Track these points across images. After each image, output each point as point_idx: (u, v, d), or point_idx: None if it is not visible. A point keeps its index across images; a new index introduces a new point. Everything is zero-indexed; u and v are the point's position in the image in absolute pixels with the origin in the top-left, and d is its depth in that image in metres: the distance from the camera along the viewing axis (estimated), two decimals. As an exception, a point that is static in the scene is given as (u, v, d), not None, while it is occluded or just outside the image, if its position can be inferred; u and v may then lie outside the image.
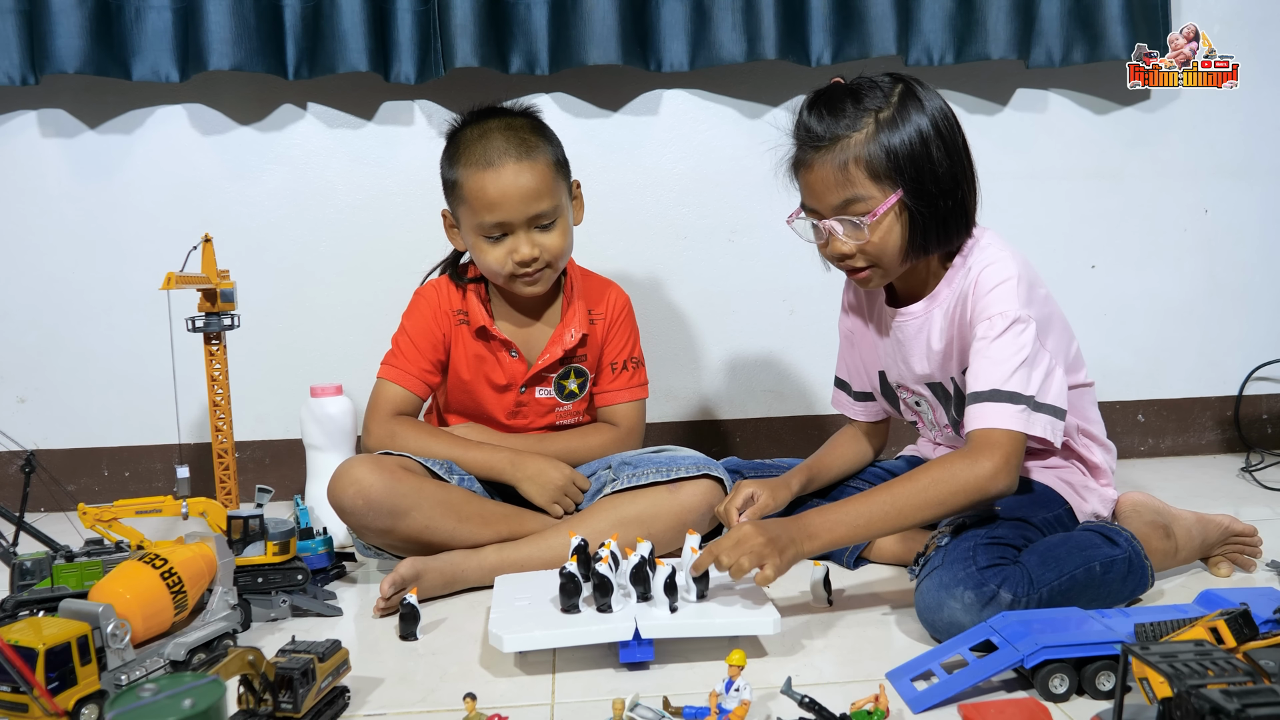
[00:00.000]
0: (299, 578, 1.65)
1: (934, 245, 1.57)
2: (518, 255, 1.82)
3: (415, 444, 1.85)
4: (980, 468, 1.45)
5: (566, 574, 1.42)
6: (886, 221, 1.53)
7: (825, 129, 1.53)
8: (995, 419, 1.47)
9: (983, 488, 1.45)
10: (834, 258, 1.60)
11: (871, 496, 1.49)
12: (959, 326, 1.59)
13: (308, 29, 2.27)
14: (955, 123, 1.56)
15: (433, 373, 1.92)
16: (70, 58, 2.21)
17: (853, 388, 1.89)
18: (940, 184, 1.53)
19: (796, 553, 1.43)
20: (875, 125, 1.51)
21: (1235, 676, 0.97)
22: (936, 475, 1.46)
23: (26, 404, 2.45)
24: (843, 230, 1.54)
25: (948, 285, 1.61)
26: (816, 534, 1.46)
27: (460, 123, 1.90)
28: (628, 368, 2.00)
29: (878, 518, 1.47)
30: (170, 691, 0.95)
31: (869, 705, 1.18)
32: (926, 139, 1.51)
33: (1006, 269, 1.53)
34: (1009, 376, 1.48)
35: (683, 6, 2.34)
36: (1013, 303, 1.51)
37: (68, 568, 1.61)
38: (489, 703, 1.28)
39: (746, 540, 1.41)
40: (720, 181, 2.51)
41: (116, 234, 2.42)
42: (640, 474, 1.79)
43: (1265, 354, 2.65)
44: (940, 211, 1.54)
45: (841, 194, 1.53)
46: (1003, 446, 1.46)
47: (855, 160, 1.51)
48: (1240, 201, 2.61)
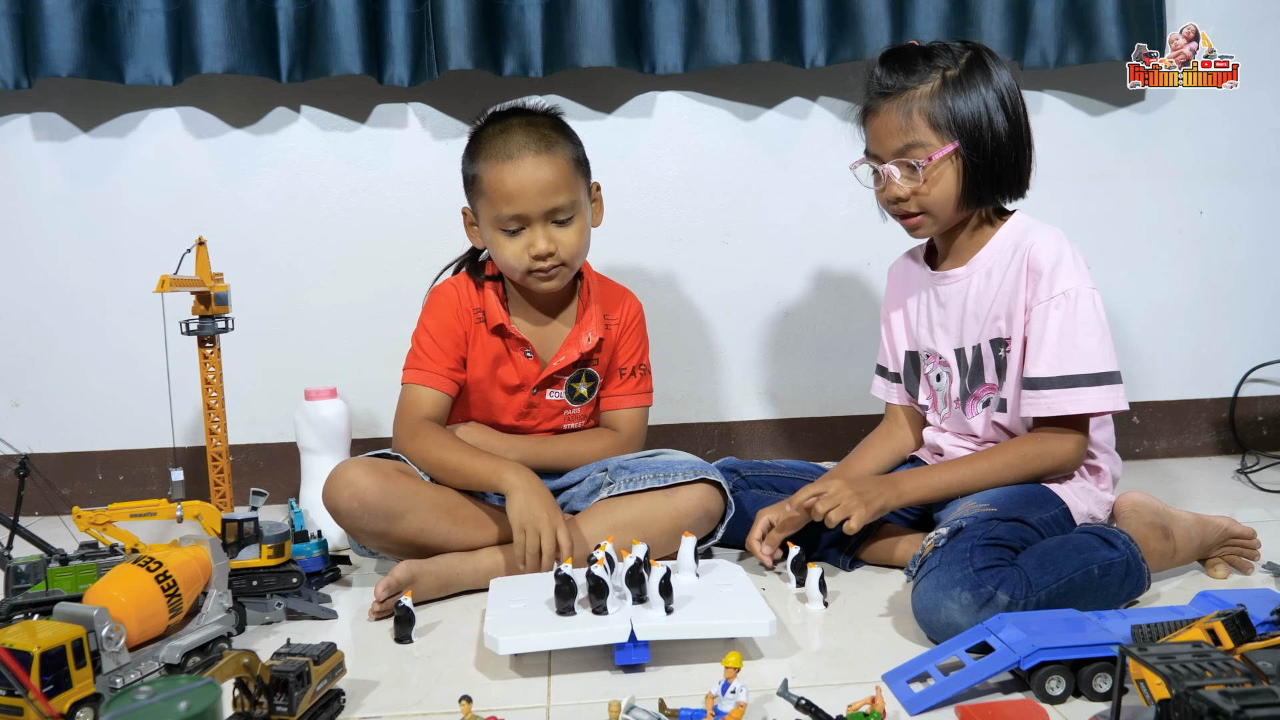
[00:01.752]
0: (294, 581, 1.64)
1: (986, 199, 1.68)
2: (534, 249, 1.81)
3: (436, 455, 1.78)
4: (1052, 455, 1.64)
5: (561, 576, 1.42)
6: (941, 169, 1.64)
7: (894, 81, 1.65)
8: (1071, 404, 1.61)
9: (1065, 465, 1.66)
10: (889, 201, 1.70)
11: (959, 462, 1.68)
12: (1008, 296, 1.67)
13: (301, 32, 2.27)
14: (1018, 94, 1.67)
15: (458, 370, 1.90)
16: (63, 61, 2.21)
17: (889, 369, 1.94)
18: (997, 142, 1.64)
19: (884, 502, 1.61)
20: (941, 81, 1.64)
21: (1233, 678, 0.97)
22: (1025, 450, 1.65)
23: (21, 408, 2.44)
24: (900, 174, 1.66)
25: (988, 250, 1.71)
26: (906, 490, 1.64)
27: (483, 121, 1.90)
28: (635, 374, 2.00)
29: (964, 478, 1.65)
30: (165, 694, 0.95)
31: (865, 707, 1.18)
32: (987, 101, 1.63)
33: (1061, 245, 1.65)
34: (1077, 357, 1.60)
35: (676, 8, 2.34)
36: (1073, 278, 1.62)
37: (62, 571, 1.60)
38: (484, 705, 1.28)
39: (835, 493, 1.60)
40: (715, 183, 2.51)
41: (110, 237, 2.41)
42: (637, 479, 1.79)
43: (1260, 355, 2.65)
44: (994, 169, 1.65)
45: (902, 139, 1.65)
46: (1075, 433, 1.64)
47: (919, 110, 1.63)
48: (1234, 203, 2.61)
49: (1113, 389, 1.61)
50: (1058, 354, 1.61)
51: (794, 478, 1.93)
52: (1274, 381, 2.68)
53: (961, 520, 1.50)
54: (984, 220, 1.73)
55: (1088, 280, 1.63)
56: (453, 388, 1.90)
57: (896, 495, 1.63)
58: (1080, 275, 1.63)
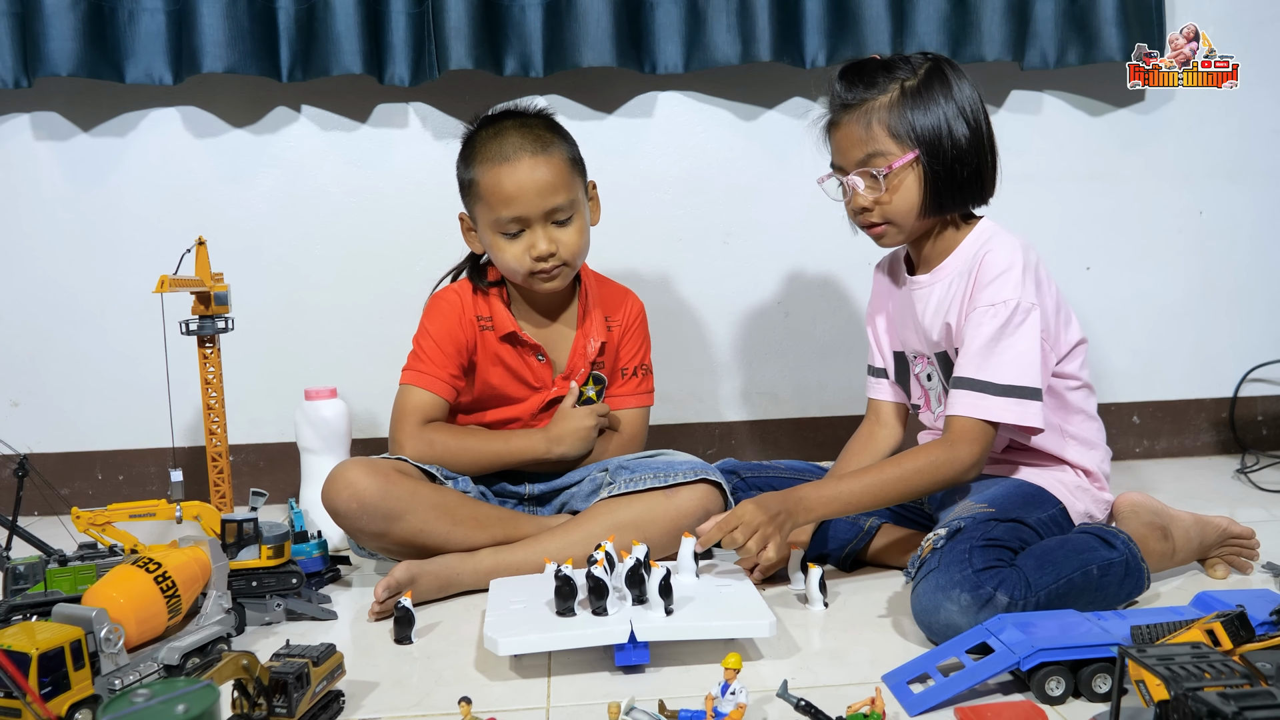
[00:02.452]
0: (293, 581, 1.64)
1: (948, 206, 1.67)
2: (535, 250, 1.82)
3: (456, 445, 1.86)
4: (959, 461, 1.59)
5: (562, 576, 1.42)
6: (902, 177, 1.63)
7: (854, 94, 1.65)
8: (978, 409, 1.59)
9: (960, 477, 1.60)
10: (855, 212, 1.70)
11: (862, 476, 1.63)
12: (959, 303, 1.66)
13: (301, 31, 2.27)
14: (980, 103, 1.66)
15: (459, 376, 1.90)
16: (63, 60, 2.21)
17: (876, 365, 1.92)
18: (958, 150, 1.63)
19: (793, 526, 1.59)
20: (900, 92, 1.63)
21: (1232, 679, 0.97)
22: (920, 464, 1.60)
23: (20, 407, 2.44)
24: (863, 185, 1.65)
25: (953, 259, 1.69)
26: (812, 508, 1.60)
27: (474, 125, 1.90)
28: (637, 374, 2.00)
29: (866, 495, 1.60)
30: (163, 697, 0.95)
31: (865, 708, 1.18)
32: (946, 110, 1.63)
33: (1011, 257, 1.61)
34: (998, 366, 1.58)
35: (677, 8, 2.34)
36: (1015, 290, 1.59)
37: (61, 572, 1.60)
38: (484, 706, 1.28)
39: (749, 522, 1.54)
40: (715, 184, 2.51)
41: (110, 237, 2.41)
42: (637, 479, 1.78)
43: (1260, 355, 2.65)
44: (956, 177, 1.64)
45: (864, 150, 1.64)
46: (980, 439, 1.59)
47: (879, 120, 1.63)
48: (1234, 203, 2.61)
49: (1022, 403, 1.57)
50: (978, 359, 1.59)
51: (794, 478, 1.92)
52: (1274, 381, 2.68)
53: (960, 521, 1.50)
54: (951, 228, 1.71)
55: (1031, 296, 1.59)
56: (452, 394, 1.90)
57: (806, 514, 1.60)
58: (1023, 289, 1.59)
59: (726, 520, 1.56)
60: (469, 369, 1.92)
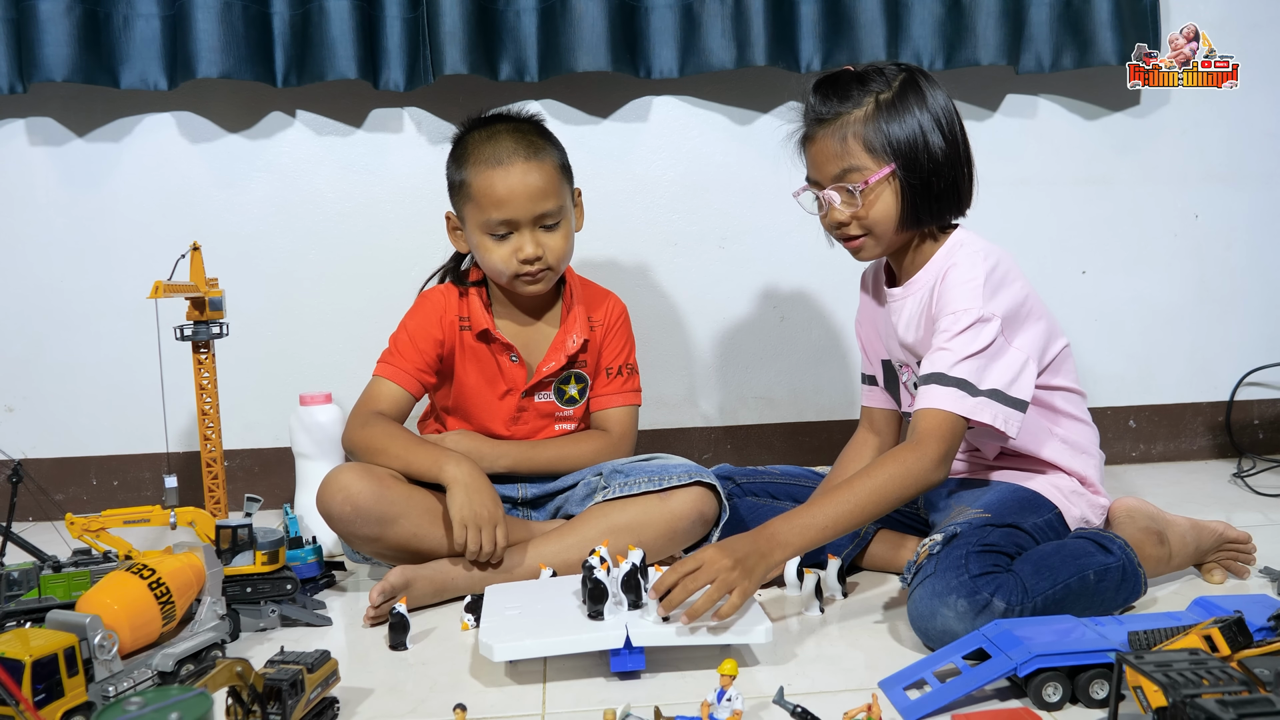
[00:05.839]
0: (288, 587, 1.64)
1: (925, 220, 1.65)
2: (522, 254, 1.83)
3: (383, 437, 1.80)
4: (926, 461, 1.51)
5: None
6: (879, 191, 1.62)
7: (829, 108, 1.63)
8: (937, 400, 1.54)
9: (929, 480, 1.52)
10: (832, 227, 1.68)
11: (834, 496, 1.50)
12: (926, 317, 1.65)
13: (296, 36, 2.27)
14: (954, 113, 1.65)
15: (428, 372, 1.91)
16: (58, 66, 2.20)
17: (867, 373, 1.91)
18: (934, 163, 1.61)
19: (767, 567, 1.44)
20: (875, 105, 1.61)
21: (1230, 685, 0.97)
22: (891, 471, 1.51)
23: (14, 413, 2.44)
24: (839, 199, 1.63)
25: (924, 273, 1.68)
26: (787, 541, 1.46)
27: (466, 127, 1.91)
28: (622, 373, 2.00)
29: (844, 517, 1.49)
30: (157, 705, 0.94)
31: (862, 714, 1.17)
32: (922, 122, 1.61)
33: (974, 269, 1.59)
34: (957, 364, 1.54)
35: (672, 13, 2.34)
36: (975, 300, 1.56)
37: (55, 578, 1.60)
38: (479, 713, 1.28)
39: (711, 566, 1.40)
40: (710, 188, 2.51)
41: (105, 242, 2.41)
42: (632, 482, 1.78)
43: (1256, 359, 2.65)
44: (932, 190, 1.62)
45: (839, 164, 1.62)
46: (944, 437, 1.52)
47: (854, 134, 1.61)
48: (1229, 206, 2.62)
49: (961, 395, 1.52)
50: (931, 355, 1.57)
51: (789, 484, 1.93)
52: (1270, 385, 2.68)
53: (956, 526, 1.50)
54: (929, 239, 1.69)
55: (991, 307, 1.56)
56: (418, 389, 1.91)
57: (781, 549, 1.46)
58: (983, 300, 1.56)
59: (684, 564, 1.41)
60: (445, 369, 1.93)
